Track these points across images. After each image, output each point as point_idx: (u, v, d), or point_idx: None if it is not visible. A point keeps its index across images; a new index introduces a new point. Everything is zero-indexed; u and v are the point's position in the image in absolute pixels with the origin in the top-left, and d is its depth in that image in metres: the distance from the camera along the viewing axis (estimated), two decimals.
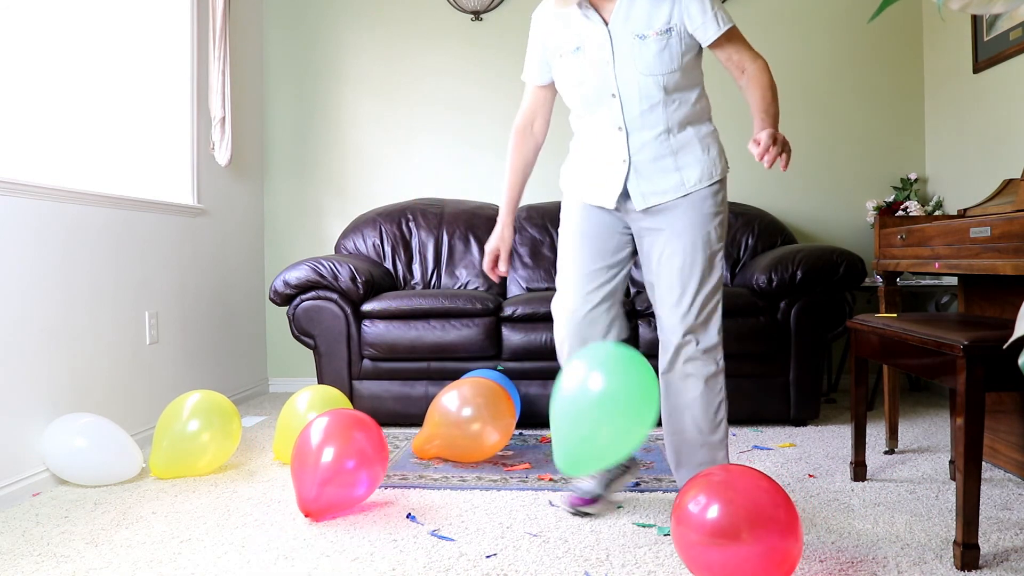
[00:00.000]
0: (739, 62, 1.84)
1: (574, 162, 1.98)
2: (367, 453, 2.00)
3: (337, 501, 1.98)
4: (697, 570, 1.51)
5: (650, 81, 1.78)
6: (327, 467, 1.95)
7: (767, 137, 1.62)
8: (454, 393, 2.48)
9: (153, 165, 3.19)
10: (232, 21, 3.61)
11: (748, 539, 1.43)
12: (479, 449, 2.46)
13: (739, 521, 1.44)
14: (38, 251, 2.33)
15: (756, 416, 3.01)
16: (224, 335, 3.57)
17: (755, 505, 1.46)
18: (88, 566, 1.71)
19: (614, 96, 1.81)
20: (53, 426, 2.29)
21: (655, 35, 1.76)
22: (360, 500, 2.05)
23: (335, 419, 2.04)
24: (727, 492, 1.48)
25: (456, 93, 3.98)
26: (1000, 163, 3.19)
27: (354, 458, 1.97)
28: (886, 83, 3.85)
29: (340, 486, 1.96)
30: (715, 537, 1.45)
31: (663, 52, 1.77)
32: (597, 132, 1.88)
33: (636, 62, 1.78)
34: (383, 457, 2.06)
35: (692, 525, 1.48)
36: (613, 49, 1.79)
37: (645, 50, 1.77)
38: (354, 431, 2.01)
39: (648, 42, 1.77)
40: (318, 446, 1.97)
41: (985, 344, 1.61)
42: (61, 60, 2.69)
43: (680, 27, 1.77)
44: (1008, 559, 1.67)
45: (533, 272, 3.59)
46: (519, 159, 2.04)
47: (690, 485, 1.55)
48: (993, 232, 1.85)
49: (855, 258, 2.95)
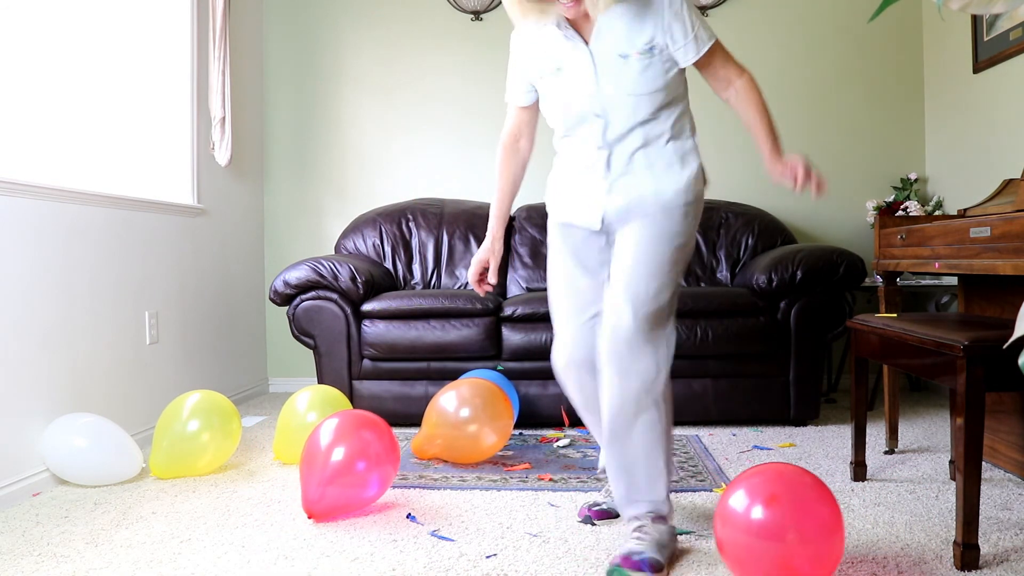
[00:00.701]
0: (725, 77, 1.81)
1: (556, 183, 1.94)
2: (378, 454, 2.00)
3: (347, 502, 1.98)
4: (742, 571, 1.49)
5: (634, 100, 1.74)
6: (334, 468, 1.94)
7: (803, 167, 1.66)
8: (452, 394, 2.48)
9: (153, 165, 3.19)
10: (232, 21, 3.61)
11: (794, 539, 1.42)
12: (477, 450, 2.46)
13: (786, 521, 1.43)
14: (38, 251, 2.33)
15: (756, 416, 3.01)
16: (224, 335, 3.57)
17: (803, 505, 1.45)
18: (88, 566, 1.71)
19: (598, 116, 1.76)
20: (53, 426, 2.29)
21: (637, 55, 1.72)
22: (371, 501, 2.05)
23: (345, 420, 2.04)
24: (773, 491, 1.47)
25: (456, 93, 3.98)
26: (1000, 163, 3.19)
27: (365, 459, 1.97)
28: (886, 83, 3.85)
29: (349, 487, 1.96)
30: (760, 538, 1.43)
31: (646, 71, 1.72)
32: (578, 151, 1.84)
33: (620, 82, 1.73)
34: (394, 458, 2.06)
35: (738, 526, 1.47)
36: (596, 69, 1.75)
37: (628, 69, 1.72)
38: (364, 431, 2.01)
39: (631, 61, 1.72)
40: (327, 447, 1.97)
41: (985, 344, 1.61)
42: (61, 60, 2.69)
43: (662, 45, 1.73)
44: (1008, 559, 1.67)
45: (533, 272, 3.59)
46: (508, 174, 2.03)
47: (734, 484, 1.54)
48: (993, 232, 1.85)
49: (855, 258, 2.95)
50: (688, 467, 2.43)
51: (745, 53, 3.84)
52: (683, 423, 3.01)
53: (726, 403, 2.99)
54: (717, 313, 2.95)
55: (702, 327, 2.94)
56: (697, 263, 3.53)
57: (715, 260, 3.54)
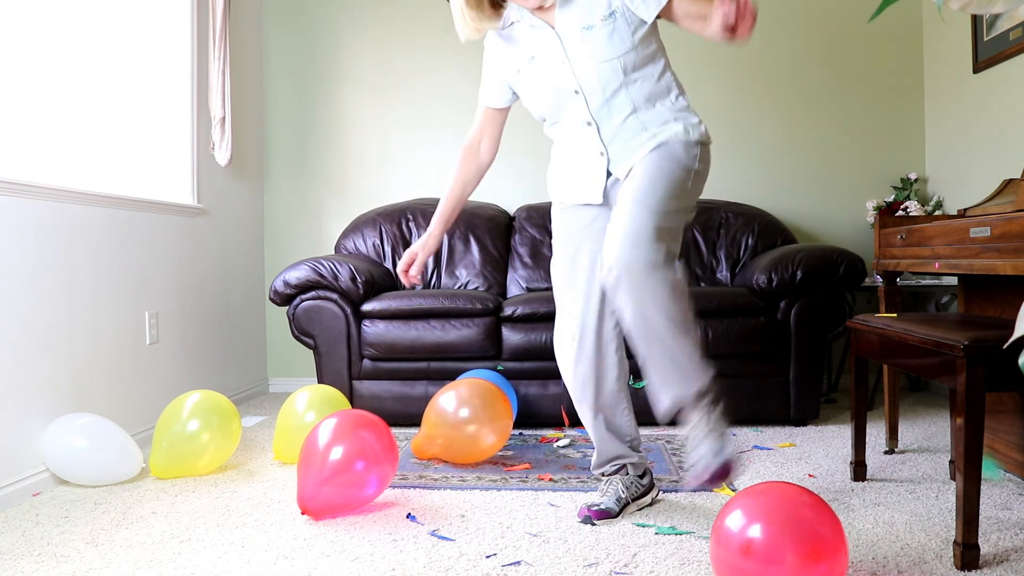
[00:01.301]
0: (697, 12, 1.71)
1: (555, 168, 1.98)
2: (376, 453, 2.00)
3: (345, 501, 1.98)
4: None
5: (607, 67, 1.77)
6: (332, 466, 1.94)
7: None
8: (451, 394, 2.48)
9: (153, 165, 3.19)
10: (232, 21, 3.61)
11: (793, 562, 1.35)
12: (476, 451, 2.46)
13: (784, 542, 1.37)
14: (38, 251, 2.33)
15: (756, 416, 3.00)
16: (224, 335, 3.57)
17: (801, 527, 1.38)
18: (88, 566, 1.71)
19: (576, 92, 1.80)
20: (53, 426, 2.29)
21: (600, 22, 1.76)
22: (369, 500, 2.05)
23: (344, 419, 2.04)
24: (769, 511, 1.41)
25: (456, 93, 3.98)
26: (1000, 163, 3.19)
27: (363, 458, 1.97)
28: (886, 83, 3.85)
29: (347, 486, 1.96)
30: (754, 560, 1.37)
31: (612, 36, 1.76)
32: (569, 133, 1.88)
33: (590, 53, 1.77)
34: (392, 458, 2.06)
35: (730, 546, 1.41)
36: (564, 47, 1.79)
37: (594, 38, 1.76)
38: (362, 431, 2.01)
39: (595, 31, 1.76)
40: (326, 446, 1.97)
41: (985, 344, 1.61)
42: (61, 60, 2.69)
43: (622, 8, 1.76)
44: (1008, 559, 1.67)
45: (533, 272, 3.59)
46: (461, 177, 2.05)
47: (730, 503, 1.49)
48: (993, 232, 1.85)
49: (855, 258, 2.95)
50: (688, 467, 2.43)
51: (745, 53, 3.85)
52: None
53: (726, 403, 2.98)
54: (717, 313, 2.95)
55: (702, 327, 2.93)
56: (697, 263, 3.53)
57: (715, 260, 3.54)
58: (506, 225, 3.76)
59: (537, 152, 3.85)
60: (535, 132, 2.08)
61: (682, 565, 1.67)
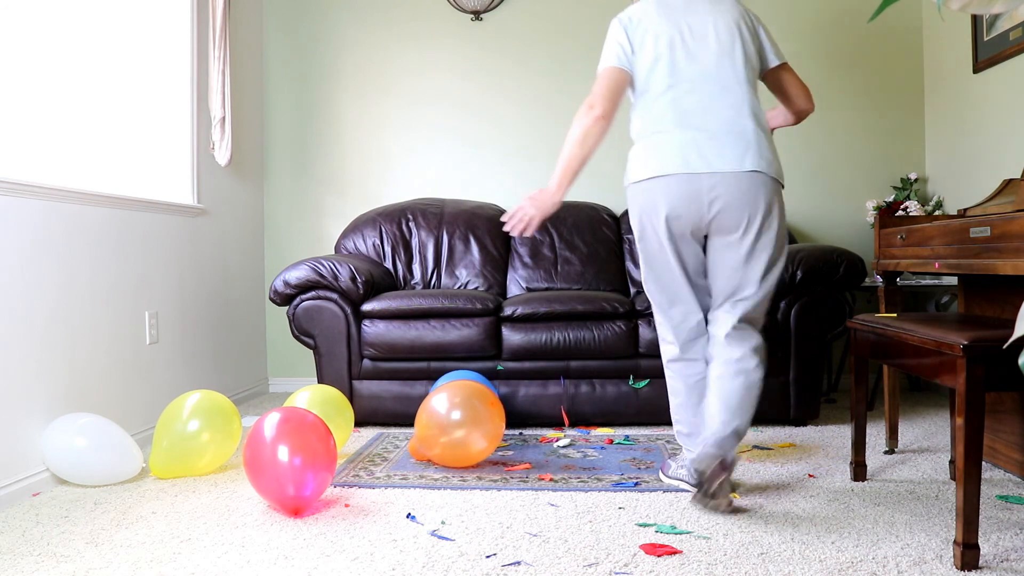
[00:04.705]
0: None
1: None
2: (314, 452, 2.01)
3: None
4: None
5: None
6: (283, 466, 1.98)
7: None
8: (442, 396, 2.41)
9: (153, 165, 3.19)
10: (232, 21, 3.61)
11: None
12: (466, 456, 2.41)
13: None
14: (38, 251, 2.33)
15: (756, 416, 2.98)
16: (224, 335, 3.57)
17: None
18: (88, 566, 1.71)
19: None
20: (53, 426, 2.29)
21: None
22: (311, 500, 2.03)
23: (284, 417, 2.06)
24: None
25: (456, 93, 3.98)
26: (1000, 163, 3.19)
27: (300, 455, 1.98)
28: (886, 83, 3.85)
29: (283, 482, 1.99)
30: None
31: None
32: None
33: None
34: (330, 462, 2.05)
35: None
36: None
37: None
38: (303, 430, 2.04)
39: None
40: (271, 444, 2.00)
41: (985, 344, 1.61)
42: (61, 60, 2.69)
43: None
44: (1008, 559, 1.67)
45: (533, 272, 3.59)
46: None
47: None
48: (993, 232, 1.85)
49: (855, 258, 2.95)
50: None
51: None
52: None
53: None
54: None
55: None
56: None
57: None
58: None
59: (537, 152, 3.85)
60: (534, 132, 2.08)
61: (682, 565, 1.67)
